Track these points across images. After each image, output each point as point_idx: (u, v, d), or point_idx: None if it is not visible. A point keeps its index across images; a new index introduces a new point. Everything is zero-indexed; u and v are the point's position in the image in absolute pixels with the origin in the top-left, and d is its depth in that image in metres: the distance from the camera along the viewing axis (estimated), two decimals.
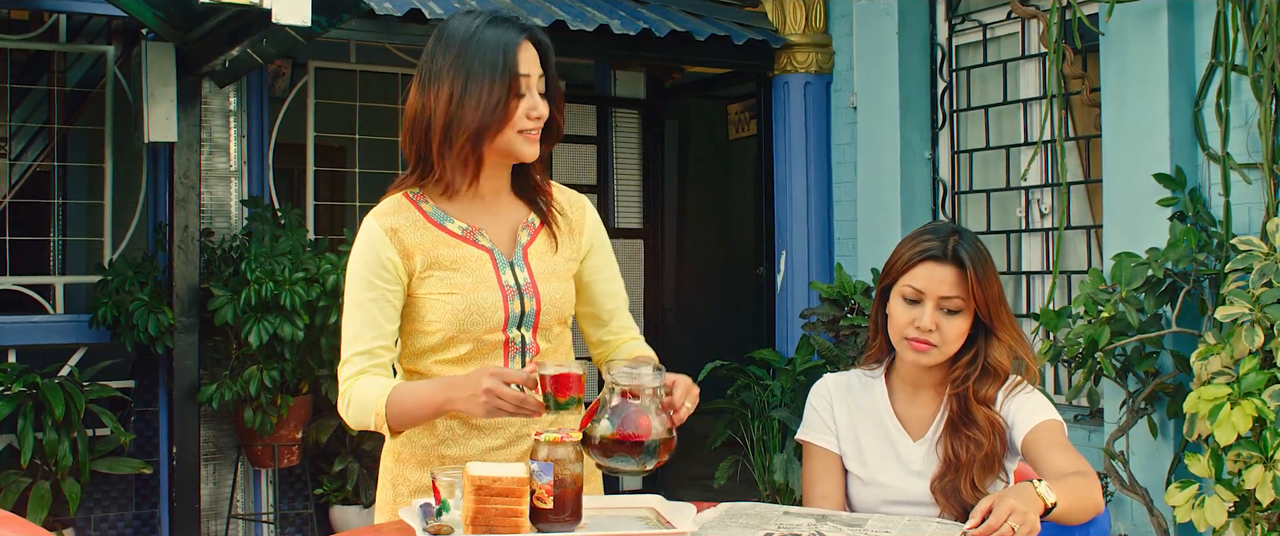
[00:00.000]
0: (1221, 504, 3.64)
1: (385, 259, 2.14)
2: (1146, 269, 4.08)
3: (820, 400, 2.39)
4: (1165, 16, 4.36)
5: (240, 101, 5.73)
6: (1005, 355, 2.25)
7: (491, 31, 2.11)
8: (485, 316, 2.14)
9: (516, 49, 2.11)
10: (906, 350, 2.26)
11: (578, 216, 2.31)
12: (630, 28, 5.84)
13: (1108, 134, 4.61)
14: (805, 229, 6.18)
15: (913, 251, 2.26)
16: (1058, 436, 2.21)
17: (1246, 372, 3.59)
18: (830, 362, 5.57)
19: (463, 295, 2.14)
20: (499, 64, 2.09)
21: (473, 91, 2.08)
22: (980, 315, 2.23)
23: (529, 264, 2.21)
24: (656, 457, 1.96)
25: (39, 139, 6.39)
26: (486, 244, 2.20)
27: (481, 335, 2.15)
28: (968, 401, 2.24)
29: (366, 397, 2.11)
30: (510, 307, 2.16)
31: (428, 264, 2.15)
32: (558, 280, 2.24)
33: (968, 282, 2.19)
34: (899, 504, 2.28)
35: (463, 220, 2.19)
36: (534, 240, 2.24)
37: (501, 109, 2.09)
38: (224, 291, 5.12)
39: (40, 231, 6.27)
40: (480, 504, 1.85)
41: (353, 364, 2.15)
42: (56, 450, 4.89)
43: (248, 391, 5.14)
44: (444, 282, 2.15)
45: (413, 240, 2.16)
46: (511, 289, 2.17)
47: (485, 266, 2.17)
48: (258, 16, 4.25)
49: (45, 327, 5.38)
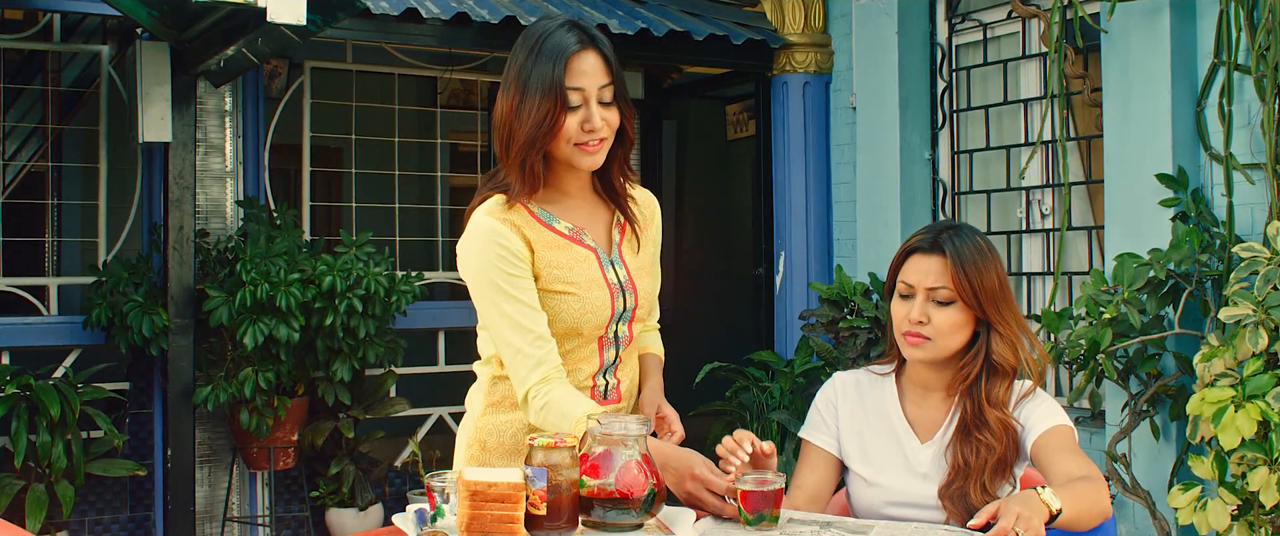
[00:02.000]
0: (1225, 507, 3.61)
1: (514, 248, 2.16)
2: (1149, 270, 4.05)
3: (825, 401, 2.39)
4: (1167, 15, 4.34)
5: (236, 101, 5.70)
6: (1008, 349, 2.23)
7: (552, 41, 2.14)
8: (598, 314, 2.20)
9: (568, 60, 2.13)
10: (904, 346, 2.27)
11: (650, 213, 2.39)
12: (628, 27, 5.82)
13: (1109, 134, 4.59)
14: (804, 230, 6.16)
15: (902, 249, 2.30)
16: (1068, 441, 2.19)
17: (1250, 375, 3.56)
18: (829, 364, 5.55)
19: (578, 295, 2.19)
20: (548, 76, 2.12)
21: (528, 103, 2.12)
22: (970, 305, 2.20)
23: (625, 262, 2.28)
24: (651, 509, 1.94)
25: (33, 139, 6.35)
26: (591, 243, 2.25)
27: (593, 333, 2.21)
28: (980, 404, 2.22)
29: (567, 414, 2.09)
30: (615, 305, 2.23)
31: (547, 263, 2.19)
32: (647, 276, 2.33)
33: (952, 272, 2.19)
34: (903, 505, 2.26)
35: (567, 220, 2.24)
36: (625, 237, 2.30)
37: (550, 122, 2.12)
38: (219, 293, 5.09)
39: (35, 232, 6.24)
40: (475, 509, 1.82)
41: (527, 355, 2.13)
42: (50, 452, 4.86)
43: (243, 393, 5.11)
44: (560, 281, 2.19)
45: (530, 235, 2.19)
46: (616, 287, 2.24)
47: (593, 266, 2.23)
48: (252, 15, 4.23)
49: (39, 329, 5.36)
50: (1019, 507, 1.89)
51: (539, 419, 2.14)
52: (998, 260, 2.26)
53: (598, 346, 2.23)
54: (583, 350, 2.22)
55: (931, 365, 2.28)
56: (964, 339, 2.24)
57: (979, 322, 2.24)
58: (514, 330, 2.14)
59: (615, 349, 2.25)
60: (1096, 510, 2.04)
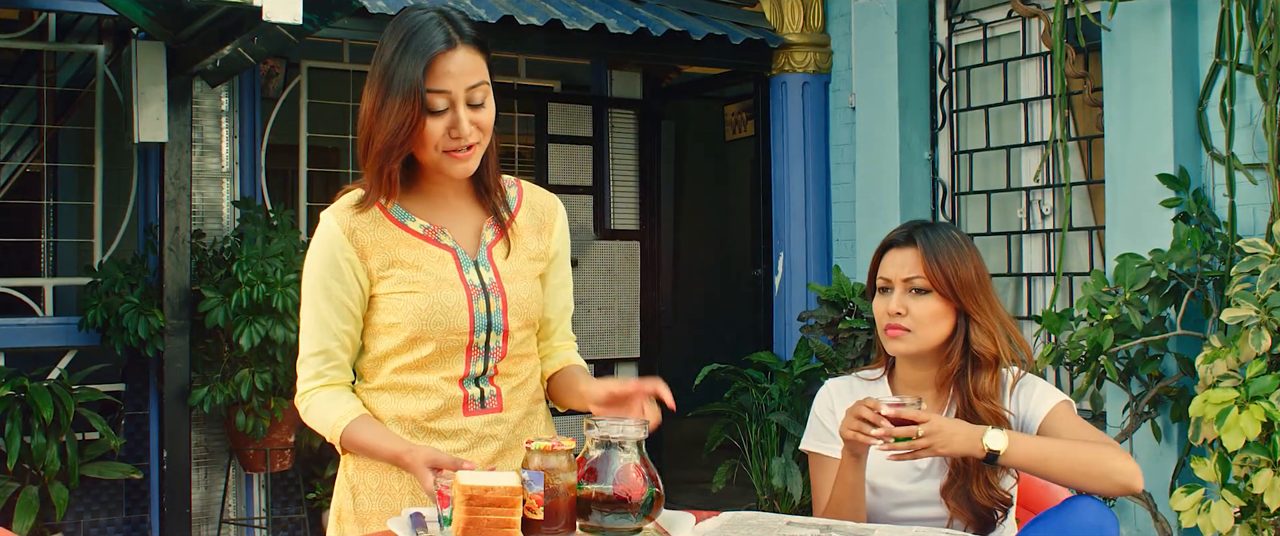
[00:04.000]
0: (1228, 508, 3.58)
1: (340, 259, 2.08)
2: (1150, 270, 4.03)
3: (822, 408, 2.37)
4: (1169, 15, 4.32)
5: (232, 101, 5.68)
6: (987, 339, 2.24)
7: (418, 39, 1.97)
8: (449, 315, 2.07)
9: (432, 62, 1.97)
10: (886, 340, 2.28)
11: (548, 217, 2.23)
12: (626, 27, 5.80)
13: (1110, 134, 4.57)
14: (803, 230, 6.14)
15: (879, 246, 2.33)
16: (1070, 417, 2.21)
17: (1254, 376, 3.54)
18: (828, 365, 5.52)
19: (424, 293, 2.07)
20: (410, 78, 1.95)
21: (388, 105, 1.98)
22: (946, 295, 2.22)
23: (494, 263, 2.14)
24: (650, 513, 1.90)
25: (28, 139, 6.32)
26: (449, 243, 2.12)
27: (445, 336, 2.08)
28: (968, 398, 2.21)
29: (325, 417, 2.09)
30: (475, 307, 2.09)
31: (387, 263, 2.09)
32: (523, 280, 2.16)
33: (924, 261, 2.23)
34: (908, 505, 2.25)
35: (425, 218, 2.12)
36: (499, 240, 2.16)
37: (408, 128, 1.98)
38: (215, 293, 5.07)
39: (30, 233, 6.21)
40: (472, 514, 1.79)
41: (309, 365, 2.11)
42: (44, 454, 4.84)
43: (239, 394, 5.09)
44: (404, 281, 2.08)
45: (371, 238, 2.09)
46: (476, 288, 2.10)
47: (448, 266, 2.10)
48: (248, 14, 4.21)
49: (34, 330, 5.33)
50: (950, 427, 2.03)
51: (309, 422, 2.12)
52: (975, 252, 2.28)
53: (465, 356, 2.09)
54: (446, 359, 2.09)
55: (917, 362, 2.28)
56: (945, 330, 2.24)
57: (959, 314, 2.23)
58: (310, 339, 2.10)
59: (485, 360, 2.11)
60: (1096, 470, 2.04)
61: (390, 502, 2.11)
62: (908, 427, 2.05)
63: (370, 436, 2.06)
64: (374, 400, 2.13)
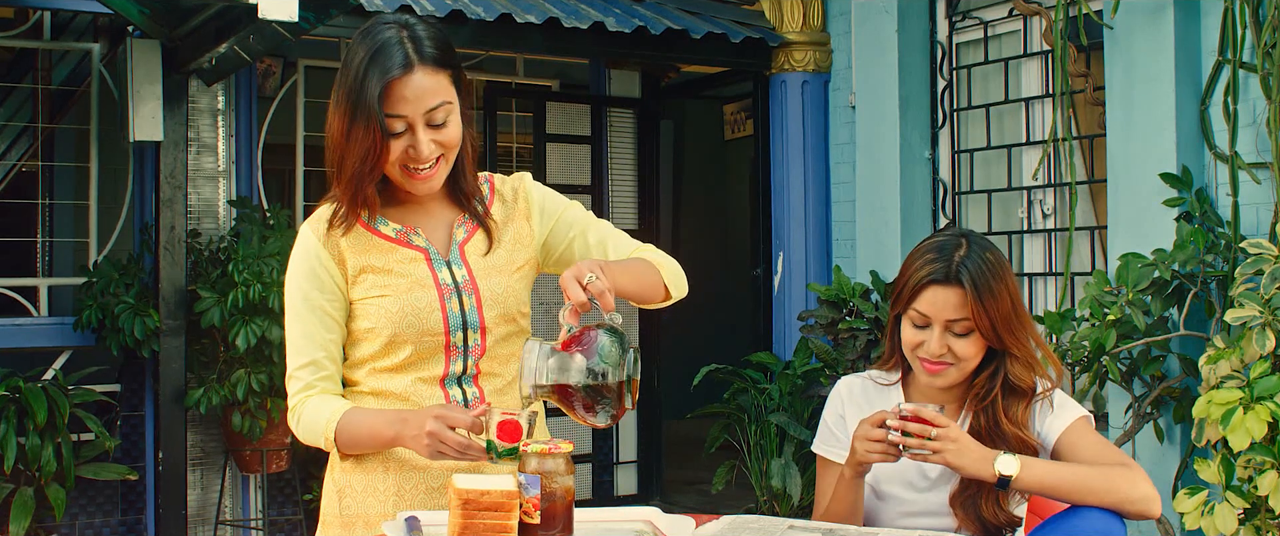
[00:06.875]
0: (1232, 510, 3.56)
1: (319, 270, 2.09)
2: (1153, 270, 4.00)
3: (832, 413, 2.33)
4: (1171, 13, 4.29)
5: (229, 100, 5.66)
6: (1024, 370, 2.18)
7: (376, 62, 1.95)
8: (421, 317, 2.05)
9: (388, 87, 1.95)
10: (921, 372, 2.21)
11: (516, 197, 2.20)
12: (625, 25, 5.77)
13: (1113, 133, 4.54)
14: (803, 230, 6.11)
15: (918, 275, 2.18)
16: (1087, 434, 2.16)
17: (1259, 376, 3.51)
18: (828, 366, 5.50)
19: (396, 297, 2.06)
20: (369, 105, 1.94)
21: (355, 130, 1.97)
22: (987, 338, 2.15)
23: (467, 260, 2.12)
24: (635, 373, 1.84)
25: (23, 138, 6.29)
26: (421, 243, 2.11)
27: (420, 338, 2.06)
28: (996, 418, 2.16)
29: (316, 420, 2.07)
30: (448, 306, 2.07)
31: (361, 268, 2.09)
32: (500, 275, 2.13)
33: (972, 306, 2.13)
34: (916, 514, 2.21)
35: (396, 222, 2.12)
36: (472, 237, 2.14)
37: (375, 154, 1.98)
38: (211, 293, 5.04)
39: (25, 232, 6.18)
40: (468, 518, 1.77)
41: (298, 378, 2.10)
42: (40, 455, 4.81)
43: (235, 395, 5.07)
44: (377, 286, 2.08)
45: (345, 245, 2.09)
46: (448, 288, 2.08)
47: (420, 266, 2.09)
48: (244, 12, 4.19)
49: (29, 330, 5.31)
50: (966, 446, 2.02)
51: (301, 435, 2.10)
52: (1009, 272, 2.21)
53: (444, 356, 2.08)
54: (425, 361, 2.07)
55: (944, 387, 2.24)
56: (981, 356, 2.19)
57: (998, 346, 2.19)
58: (296, 353, 2.09)
59: (465, 359, 2.08)
60: (1110, 498, 1.99)
61: (376, 504, 2.08)
62: (922, 428, 2.02)
63: (364, 425, 2.04)
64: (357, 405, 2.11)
